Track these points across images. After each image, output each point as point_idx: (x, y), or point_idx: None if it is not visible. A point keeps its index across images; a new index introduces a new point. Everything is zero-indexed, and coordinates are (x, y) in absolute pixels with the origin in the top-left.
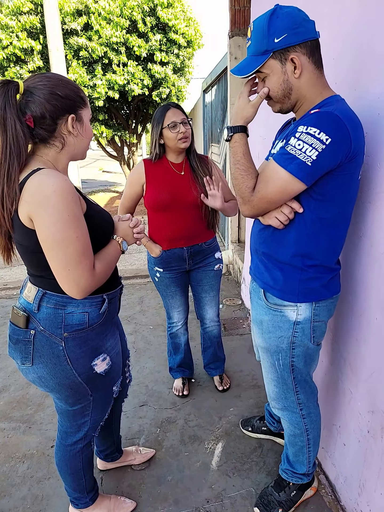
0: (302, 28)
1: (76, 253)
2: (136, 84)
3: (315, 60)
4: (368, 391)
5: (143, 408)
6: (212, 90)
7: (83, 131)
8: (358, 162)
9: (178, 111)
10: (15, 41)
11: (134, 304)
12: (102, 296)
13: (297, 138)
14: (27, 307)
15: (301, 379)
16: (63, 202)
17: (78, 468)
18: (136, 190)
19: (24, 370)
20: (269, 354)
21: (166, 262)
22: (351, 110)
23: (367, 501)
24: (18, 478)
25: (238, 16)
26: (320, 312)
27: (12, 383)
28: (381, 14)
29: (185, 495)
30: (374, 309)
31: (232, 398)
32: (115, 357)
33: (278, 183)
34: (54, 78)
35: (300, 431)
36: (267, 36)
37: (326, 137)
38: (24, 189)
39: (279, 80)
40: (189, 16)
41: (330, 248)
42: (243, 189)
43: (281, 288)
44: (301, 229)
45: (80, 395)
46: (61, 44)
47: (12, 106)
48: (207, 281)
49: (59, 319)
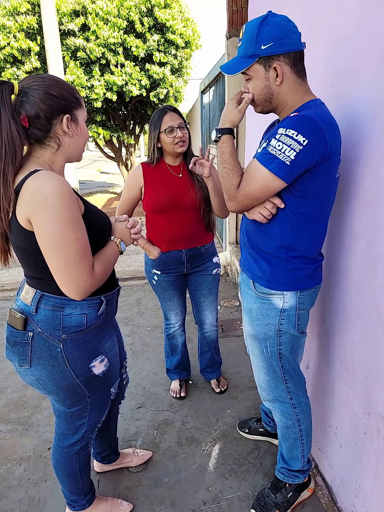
0: (287, 39)
1: (75, 255)
2: (134, 85)
3: (297, 70)
4: (364, 393)
5: (140, 410)
6: (210, 91)
7: (79, 131)
8: (334, 161)
9: (175, 115)
10: (13, 41)
11: (131, 306)
12: (100, 298)
13: (277, 139)
14: (24, 309)
15: (289, 367)
16: (61, 203)
17: (75, 470)
18: (134, 194)
19: (22, 372)
20: (258, 341)
21: (164, 264)
22: (329, 113)
23: (363, 502)
24: (14, 480)
25: (235, 17)
26: (304, 300)
27: (9, 385)
28: (377, 16)
29: (182, 497)
30: (370, 311)
31: (229, 400)
32: (112, 359)
33: (260, 181)
34: (49, 79)
35: (292, 422)
36: (255, 42)
37: (303, 139)
38: (22, 190)
39: (261, 85)
40: (187, 17)
41: (312, 241)
42: (228, 186)
43: (268, 278)
44: (284, 223)
45: (78, 396)
46: (58, 45)
47: (7, 107)
48: (205, 286)
49: (57, 321)
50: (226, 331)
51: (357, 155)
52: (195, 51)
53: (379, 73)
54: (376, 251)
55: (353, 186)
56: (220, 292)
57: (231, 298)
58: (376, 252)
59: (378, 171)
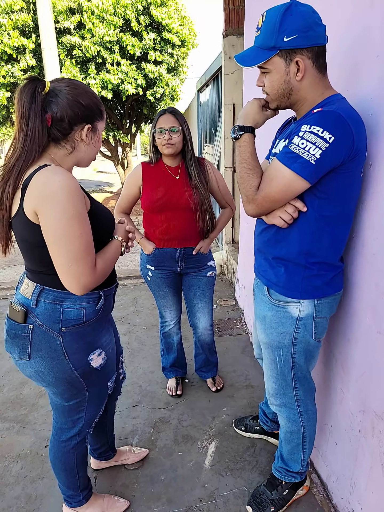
0: (312, 32)
1: (78, 250)
2: (130, 84)
3: (319, 65)
4: (360, 391)
5: (136, 408)
6: (206, 90)
7: (95, 141)
8: (360, 160)
9: (170, 118)
10: (6, 39)
11: (128, 305)
12: (98, 293)
13: (301, 137)
14: (25, 302)
15: (301, 375)
16: (69, 198)
17: (72, 464)
18: (133, 192)
19: (21, 365)
20: (271, 349)
21: (158, 260)
22: (353, 108)
23: (358, 499)
24: (12, 477)
25: (232, 15)
26: (322, 308)
27: (6, 383)
28: (373, 14)
29: (178, 494)
30: (366, 309)
31: (225, 398)
32: (110, 353)
33: (281, 181)
34: (81, 87)
35: (297, 428)
36: (277, 32)
37: (329, 136)
38: (31, 183)
39: (280, 79)
40: (184, 15)
41: (333, 245)
42: (247, 188)
43: (284, 285)
44: (304, 227)
45: (76, 389)
46: (54, 43)
47: (37, 104)
48: (199, 287)
49: (57, 314)
50: (222, 330)
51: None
52: (192, 50)
53: (375, 72)
54: (372, 250)
55: None
56: (216, 291)
57: (227, 297)
58: (371, 251)
59: (374, 170)
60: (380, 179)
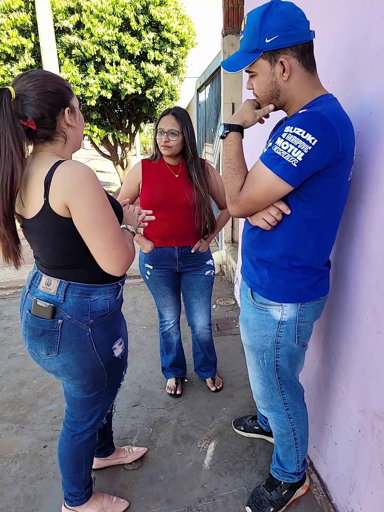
0: (294, 30)
1: (115, 233)
2: (129, 83)
3: (306, 62)
4: (359, 390)
5: (136, 408)
6: (206, 89)
7: (79, 120)
8: (347, 163)
9: (171, 120)
10: (5, 38)
11: (127, 305)
12: (117, 284)
13: (283, 138)
14: (50, 298)
15: (286, 379)
16: (96, 187)
17: (81, 459)
18: (132, 189)
19: (47, 361)
20: (254, 352)
21: (156, 259)
22: (342, 110)
23: (358, 499)
24: (10, 478)
25: (231, 14)
26: (306, 313)
27: (5, 383)
28: (373, 12)
29: (178, 495)
30: (366, 309)
31: (224, 398)
32: (126, 342)
33: (264, 183)
34: (41, 76)
35: (286, 431)
36: (259, 35)
37: (312, 138)
38: (55, 179)
39: (267, 81)
40: (183, 14)
41: (318, 249)
42: (231, 188)
43: (267, 288)
44: (288, 230)
45: (99, 380)
46: (53, 42)
47: (6, 115)
48: (197, 286)
49: (86, 307)
50: (221, 330)
51: None
52: (191, 49)
53: (375, 71)
54: (372, 250)
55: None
56: (215, 291)
57: (226, 296)
58: (371, 251)
59: (373, 169)
60: (380, 178)
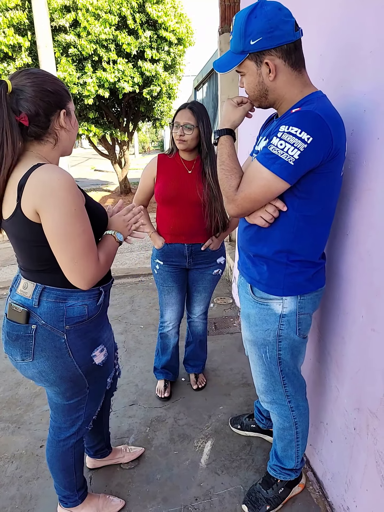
0: (278, 31)
1: (82, 246)
2: (126, 82)
3: (292, 62)
4: (354, 388)
5: (132, 407)
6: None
7: (73, 124)
8: (339, 160)
9: (187, 114)
10: (2, 37)
11: (125, 304)
12: (99, 289)
13: (279, 138)
14: (25, 303)
15: (289, 372)
16: (69, 196)
17: (69, 464)
18: (148, 184)
19: (23, 366)
20: (256, 347)
21: (166, 255)
22: (333, 107)
23: (353, 497)
24: (6, 478)
25: (228, 12)
26: (305, 304)
27: (1, 383)
28: (366, 10)
29: (174, 493)
30: (360, 307)
31: (221, 397)
32: (110, 349)
33: (261, 182)
34: (41, 74)
35: (289, 424)
36: (244, 37)
37: (307, 136)
38: (29, 183)
39: (254, 81)
40: (180, 12)
41: (314, 244)
42: (227, 189)
43: (266, 283)
44: (285, 227)
45: (78, 387)
46: (50, 41)
47: (1, 107)
48: (202, 283)
49: (61, 313)
50: (219, 328)
51: (347, 151)
52: (188, 47)
53: (369, 68)
54: (366, 247)
55: (343, 182)
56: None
57: (224, 295)
58: (365, 248)
59: (367, 167)
60: (374, 176)
